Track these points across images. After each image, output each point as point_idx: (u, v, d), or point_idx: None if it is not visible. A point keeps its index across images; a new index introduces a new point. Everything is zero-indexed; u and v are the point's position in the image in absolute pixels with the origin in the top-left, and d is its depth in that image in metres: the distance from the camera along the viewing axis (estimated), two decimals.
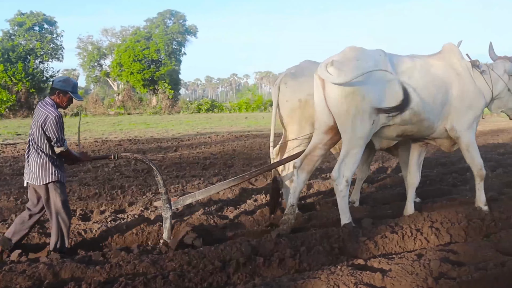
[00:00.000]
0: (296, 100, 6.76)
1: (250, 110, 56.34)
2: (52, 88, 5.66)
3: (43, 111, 5.50)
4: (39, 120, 5.48)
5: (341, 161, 6.13)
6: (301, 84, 6.72)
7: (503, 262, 4.84)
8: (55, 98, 5.63)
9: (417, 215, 6.64)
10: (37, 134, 5.52)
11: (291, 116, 6.88)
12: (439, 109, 6.45)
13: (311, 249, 5.37)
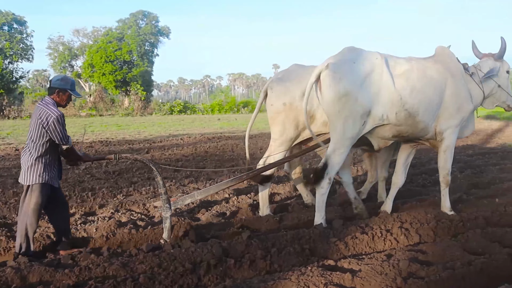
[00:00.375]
0: (280, 104, 6.89)
1: (223, 111, 56.26)
2: (51, 88, 5.65)
3: (45, 109, 5.46)
4: (40, 119, 5.43)
5: (327, 158, 6.29)
6: (286, 88, 6.87)
7: (470, 261, 4.93)
8: (55, 97, 5.64)
9: (387, 216, 6.71)
10: (35, 133, 5.48)
11: (275, 118, 7.00)
12: (434, 111, 6.60)
13: (282, 250, 5.38)
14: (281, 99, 6.88)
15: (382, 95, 6.17)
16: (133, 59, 62.00)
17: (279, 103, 6.89)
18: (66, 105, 5.89)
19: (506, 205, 7.33)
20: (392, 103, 6.21)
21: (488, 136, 20.13)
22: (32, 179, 5.49)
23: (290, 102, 6.81)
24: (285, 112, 6.85)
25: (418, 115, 6.42)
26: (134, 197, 8.74)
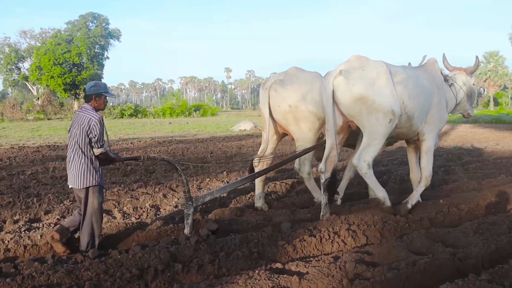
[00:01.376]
0: (286, 106, 7.43)
1: (174, 115, 55.96)
2: (87, 96, 5.98)
3: (86, 115, 5.80)
4: (82, 124, 5.76)
5: (361, 150, 6.89)
6: (290, 91, 7.44)
7: (414, 261, 5.03)
8: (93, 103, 5.97)
9: (335, 218, 6.78)
10: (81, 138, 5.79)
11: (286, 119, 7.55)
12: (424, 116, 7.27)
13: (230, 254, 5.37)
14: (286, 101, 7.43)
15: (387, 99, 6.72)
16: (83, 62, 61.02)
17: (285, 105, 7.44)
18: (105, 107, 6.27)
19: (449, 206, 7.53)
20: (394, 107, 6.75)
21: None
22: (90, 182, 5.83)
23: (295, 104, 7.40)
24: (293, 113, 7.44)
25: (414, 119, 7.08)
26: None
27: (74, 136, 5.83)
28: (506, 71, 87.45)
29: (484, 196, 8.29)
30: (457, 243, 5.86)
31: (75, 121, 5.86)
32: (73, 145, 5.84)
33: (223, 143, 19.16)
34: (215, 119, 50.70)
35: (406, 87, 6.92)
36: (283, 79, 7.60)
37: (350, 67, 6.77)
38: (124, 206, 8.21)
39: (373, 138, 6.80)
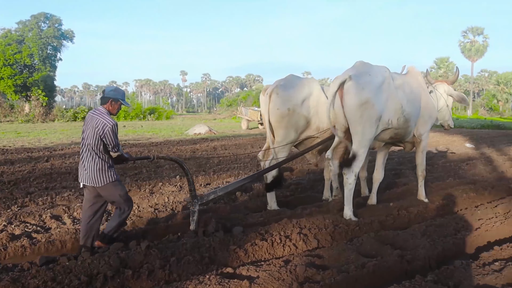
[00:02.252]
0: (285, 109, 7.80)
1: (128, 118, 55.22)
2: (104, 97, 6.12)
3: (100, 119, 5.92)
4: (96, 127, 5.89)
5: (352, 159, 7.23)
6: (290, 95, 7.83)
7: (363, 263, 5.12)
8: (108, 106, 6.10)
9: (287, 222, 6.82)
10: (93, 140, 5.93)
11: (279, 121, 7.87)
12: (416, 118, 7.94)
13: (181, 260, 5.34)
14: (286, 105, 7.80)
15: (389, 103, 7.26)
16: (34, 63, 59.55)
17: (285, 108, 7.80)
18: (117, 113, 6.35)
19: (399, 209, 7.70)
20: (396, 110, 7.38)
21: None
22: (106, 179, 6.02)
23: (293, 108, 7.80)
24: (289, 117, 7.82)
25: (410, 121, 7.73)
26: (30, 208, 8.33)
27: (87, 137, 5.99)
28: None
29: (432, 199, 8.51)
30: (406, 245, 5.99)
31: (89, 122, 6.00)
32: (86, 146, 6.00)
33: (177, 147, 19.01)
34: (170, 122, 50.33)
35: (404, 92, 7.52)
36: (284, 84, 8.01)
37: (357, 72, 7.17)
38: (75, 211, 8.05)
39: (361, 146, 7.17)
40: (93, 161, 5.97)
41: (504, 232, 6.83)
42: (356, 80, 7.01)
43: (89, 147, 5.95)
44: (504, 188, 9.72)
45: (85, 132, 6.02)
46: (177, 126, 40.23)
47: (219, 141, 22.83)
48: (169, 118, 60.41)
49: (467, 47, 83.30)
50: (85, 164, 6.01)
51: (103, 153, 6.00)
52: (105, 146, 5.98)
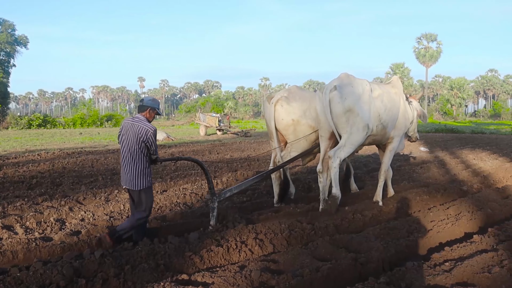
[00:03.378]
0: (290, 119, 8.69)
1: (85, 125, 54.42)
2: (143, 106, 6.69)
3: (143, 126, 6.46)
4: (139, 133, 6.42)
5: (338, 147, 7.97)
6: (293, 107, 8.68)
7: (318, 267, 5.17)
8: (146, 114, 6.68)
9: (243, 228, 6.83)
10: (136, 146, 6.46)
11: (286, 130, 8.80)
12: (393, 124, 8.66)
13: (136, 267, 5.30)
14: (290, 116, 8.69)
15: (369, 112, 8.01)
16: None
17: (289, 119, 8.70)
18: (152, 121, 6.79)
19: (354, 213, 7.81)
20: (375, 119, 8.15)
21: None
22: (143, 184, 6.56)
23: (297, 119, 8.67)
24: (294, 126, 8.72)
25: (387, 128, 8.49)
26: None
27: (128, 142, 6.51)
28: (411, 82, 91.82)
29: (386, 202, 8.66)
30: (360, 248, 6.07)
31: (129, 129, 6.51)
32: (127, 150, 6.52)
33: None
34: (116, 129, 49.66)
35: (382, 102, 8.26)
36: (287, 96, 8.82)
37: (341, 83, 7.98)
38: (27, 220, 7.87)
39: (349, 143, 7.95)
40: (135, 165, 6.51)
41: (455, 233, 7.01)
42: (340, 90, 7.85)
43: (131, 151, 6.48)
44: (456, 190, 9.97)
45: (126, 139, 6.54)
46: None
47: (177, 147, 22.71)
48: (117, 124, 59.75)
49: (422, 53, 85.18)
50: (127, 168, 6.53)
51: (145, 156, 6.53)
52: (147, 150, 6.53)
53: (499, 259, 5.45)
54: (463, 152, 19.48)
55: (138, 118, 6.61)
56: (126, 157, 6.54)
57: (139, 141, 6.43)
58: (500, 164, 15.27)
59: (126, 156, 6.54)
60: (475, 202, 8.61)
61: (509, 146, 23.31)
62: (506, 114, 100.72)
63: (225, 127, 37.27)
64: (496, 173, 12.70)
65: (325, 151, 8.28)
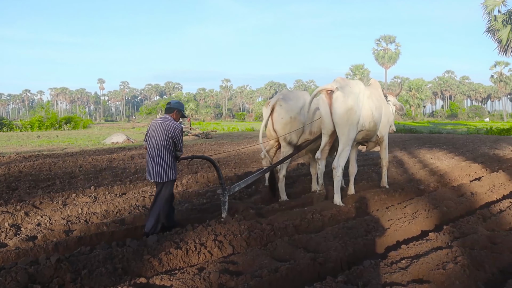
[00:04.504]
0: (288, 117, 9.46)
1: (43, 128, 53.28)
2: (171, 108, 7.48)
3: (171, 124, 7.25)
4: (168, 131, 7.19)
5: (338, 156, 8.80)
6: (291, 106, 9.50)
7: (277, 268, 5.19)
8: (173, 115, 7.46)
9: (202, 229, 6.82)
10: (165, 142, 7.20)
11: (284, 128, 9.48)
12: (380, 122, 9.67)
13: (93, 272, 5.22)
14: (288, 114, 9.46)
15: (364, 110, 8.94)
16: None
17: (288, 116, 9.45)
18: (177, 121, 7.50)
19: (313, 213, 7.87)
20: (368, 116, 9.09)
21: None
22: (168, 177, 7.24)
23: (294, 116, 9.47)
24: (291, 123, 9.45)
25: (377, 124, 9.49)
26: None
27: (156, 139, 7.22)
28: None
29: (345, 202, 8.75)
30: (319, 248, 6.13)
31: (158, 127, 7.25)
32: (155, 147, 7.22)
33: (93, 157, 18.52)
34: (87, 131, 48.95)
35: (373, 101, 9.25)
36: (284, 97, 9.66)
37: (341, 85, 8.74)
38: None
39: (346, 145, 8.73)
40: (162, 160, 7.18)
41: (412, 231, 7.14)
42: (342, 91, 8.60)
43: (159, 147, 7.18)
44: (413, 189, 10.17)
45: (154, 136, 7.24)
46: (94, 135, 39.26)
47: (137, 150, 22.48)
48: (86, 127, 58.87)
49: (381, 55, 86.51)
50: (153, 163, 7.21)
51: (171, 152, 7.23)
52: (174, 146, 7.26)
53: (453, 255, 5.57)
54: (421, 152, 19.86)
55: (166, 118, 7.38)
56: (153, 153, 7.24)
57: (168, 137, 7.18)
58: (456, 163, 15.64)
59: (153, 152, 7.24)
60: (431, 200, 8.79)
61: (465, 146, 23.88)
62: (462, 114, 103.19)
63: (186, 129, 37.05)
64: (452, 172, 12.99)
65: (325, 144, 9.18)
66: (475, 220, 7.45)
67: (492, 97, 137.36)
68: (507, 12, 39.25)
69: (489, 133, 38.26)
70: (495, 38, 40.04)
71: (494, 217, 7.60)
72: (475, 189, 10.23)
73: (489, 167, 14.28)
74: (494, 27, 39.59)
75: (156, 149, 7.19)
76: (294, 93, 9.98)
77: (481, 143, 25.87)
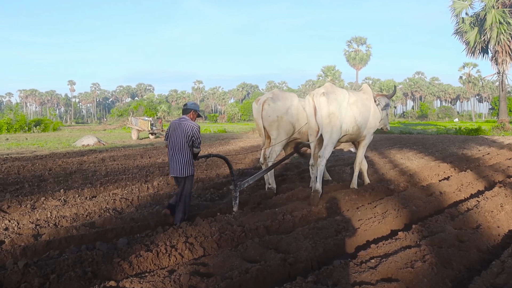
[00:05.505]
0: (275, 116, 10.15)
1: (12, 131, 52.38)
2: (188, 109, 8.18)
3: (189, 124, 7.95)
4: (187, 131, 7.87)
5: (323, 149, 9.49)
6: (278, 106, 10.19)
7: (247, 269, 5.20)
8: (190, 116, 8.15)
9: (173, 232, 6.80)
10: (184, 140, 7.88)
11: (271, 125, 10.22)
12: (366, 124, 10.34)
13: (62, 276, 5.16)
14: (276, 113, 10.15)
15: (346, 117, 9.69)
16: None
17: (275, 115, 10.15)
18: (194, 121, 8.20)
19: (284, 214, 7.91)
20: (351, 121, 9.82)
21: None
22: (189, 172, 7.95)
23: (281, 115, 10.16)
24: (278, 122, 10.17)
25: (361, 128, 10.21)
26: None
27: (176, 139, 7.91)
28: (342, 84, 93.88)
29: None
30: (289, 249, 6.16)
31: (177, 128, 7.94)
32: (175, 145, 7.91)
33: (63, 159, 18.26)
34: (57, 134, 48.27)
35: (357, 107, 9.94)
36: (273, 97, 10.31)
37: (327, 91, 9.57)
38: None
39: (330, 142, 9.51)
40: (182, 156, 7.87)
41: (381, 230, 7.23)
42: (327, 96, 9.43)
43: (179, 146, 7.87)
44: (383, 189, 10.28)
45: (174, 136, 7.93)
46: (64, 137, 38.73)
47: (108, 152, 22.26)
48: (57, 130, 58.03)
49: (352, 56, 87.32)
50: (175, 160, 7.89)
51: (190, 149, 7.92)
52: (192, 144, 7.92)
53: (421, 254, 5.66)
54: (391, 152, 20.11)
55: (184, 118, 8.07)
56: (174, 151, 7.92)
57: (186, 136, 7.85)
58: (426, 163, 15.86)
59: (174, 151, 7.92)
60: (401, 200, 8.91)
61: (434, 146, 24.25)
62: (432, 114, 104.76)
63: (157, 130, 36.79)
64: (422, 172, 13.17)
65: (315, 147, 9.76)
66: (443, 219, 7.56)
67: (461, 97, 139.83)
68: (474, 15, 40.22)
69: (458, 133, 38.97)
70: (463, 40, 41.02)
71: (461, 215, 7.73)
72: (444, 188, 10.40)
73: (457, 167, 14.54)
74: (462, 29, 40.54)
75: (176, 147, 7.89)
76: (284, 94, 10.62)
77: (450, 143, 26.32)
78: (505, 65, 39.23)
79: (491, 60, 40.85)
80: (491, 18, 37.40)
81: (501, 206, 8.40)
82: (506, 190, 9.85)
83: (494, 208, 8.20)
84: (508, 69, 39.60)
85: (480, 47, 40.14)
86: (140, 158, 18.97)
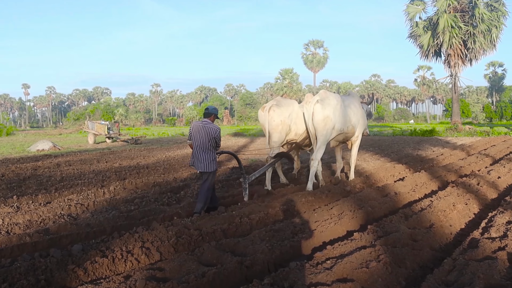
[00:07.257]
0: (279, 120, 11.22)
1: None
2: (209, 113, 9.08)
3: (212, 127, 8.86)
4: (209, 132, 8.80)
5: (316, 151, 10.88)
6: (282, 111, 11.29)
7: (204, 273, 5.20)
8: (210, 119, 9.04)
9: (129, 237, 6.73)
10: (207, 140, 8.82)
11: (275, 129, 11.27)
12: (358, 123, 11.85)
13: (14, 285, 5.04)
14: (279, 117, 11.25)
15: (341, 118, 11.02)
16: None
17: (279, 120, 11.23)
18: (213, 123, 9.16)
19: (241, 217, 7.93)
20: (345, 121, 11.25)
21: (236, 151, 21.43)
22: (213, 168, 8.93)
23: (283, 119, 11.25)
24: (281, 126, 11.26)
25: (355, 127, 11.79)
26: None
27: (200, 139, 8.82)
28: (300, 86, 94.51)
29: (273, 205, 8.86)
30: (246, 252, 6.17)
31: (201, 130, 8.84)
32: (200, 145, 8.83)
33: (17, 165, 17.85)
34: (10, 139, 47.11)
35: (351, 109, 11.51)
36: (277, 103, 11.49)
37: (321, 98, 10.87)
38: None
39: (322, 144, 10.82)
40: (207, 155, 8.83)
41: (337, 231, 7.32)
42: (321, 103, 10.74)
43: (204, 145, 8.81)
44: (339, 190, 10.42)
45: (199, 137, 8.83)
46: (18, 142, 37.84)
47: (64, 157, 21.87)
48: (10, 135, 56.68)
49: (309, 59, 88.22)
50: (200, 158, 8.82)
51: (213, 148, 8.88)
52: (215, 143, 8.87)
53: (376, 254, 5.75)
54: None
55: (207, 121, 8.94)
56: (199, 150, 8.85)
57: (210, 137, 8.78)
58: (382, 164, 16.16)
59: (199, 149, 8.85)
60: (357, 201, 9.04)
61: (390, 147, 24.70)
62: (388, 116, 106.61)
63: (114, 134, 36.30)
64: (377, 173, 13.40)
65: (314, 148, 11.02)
66: (397, 219, 7.71)
67: (416, 100, 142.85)
68: (428, 19, 41.18)
69: (413, 134, 39.79)
70: (417, 43, 41.91)
71: (415, 215, 7.89)
72: (399, 189, 10.60)
73: (412, 168, 14.86)
74: (416, 33, 41.43)
75: (201, 146, 8.82)
76: (286, 100, 11.85)
77: (405, 145, 26.87)
78: (457, 68, 40.30)
79: (444, 63, 41.95)
80: (444, 23, 38.37)
81: (454, 206, 8.60)
82: (458, 189, 10.11)
83: (447, 208, 8.39)
84: (460, 72, 40.70)
85: (433, 51, 41.15)
86: (96, 163, 18.69)
